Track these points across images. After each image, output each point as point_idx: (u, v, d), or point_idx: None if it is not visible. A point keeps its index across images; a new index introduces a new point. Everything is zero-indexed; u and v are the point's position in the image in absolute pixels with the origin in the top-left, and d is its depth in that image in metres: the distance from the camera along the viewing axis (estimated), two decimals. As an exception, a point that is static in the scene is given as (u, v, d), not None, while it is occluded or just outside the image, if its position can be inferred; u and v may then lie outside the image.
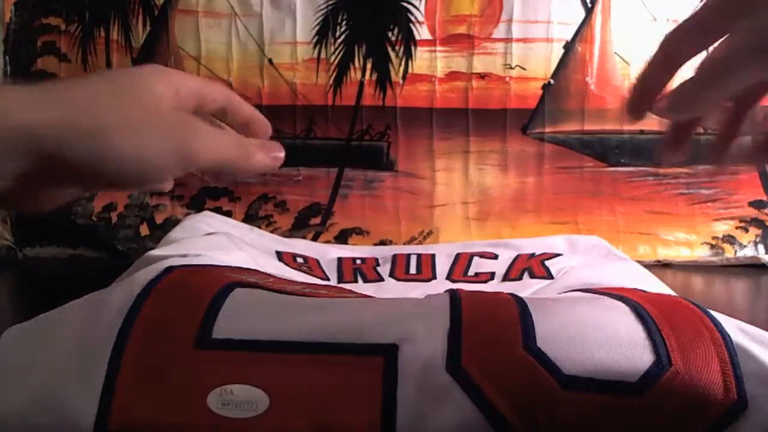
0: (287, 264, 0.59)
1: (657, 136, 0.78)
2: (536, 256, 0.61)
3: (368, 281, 0.59)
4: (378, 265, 0.63)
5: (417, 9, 0.77)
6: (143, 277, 0.37)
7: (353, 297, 0.45)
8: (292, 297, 0.37)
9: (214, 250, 0.49)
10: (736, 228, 0.79)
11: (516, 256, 0.62)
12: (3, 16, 0.78)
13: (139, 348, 0.32)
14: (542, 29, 0.77)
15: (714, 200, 0.79)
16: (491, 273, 0.59)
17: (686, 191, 0.79)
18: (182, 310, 0.34)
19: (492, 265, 0.61)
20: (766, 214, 0.79)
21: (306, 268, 0.59)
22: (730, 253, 0.78)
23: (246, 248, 0.56)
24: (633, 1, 0.77)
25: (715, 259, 0.78)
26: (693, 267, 0.77)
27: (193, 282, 0.38)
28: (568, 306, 0.36)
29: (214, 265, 0.44)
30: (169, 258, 0.43)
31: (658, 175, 0.79)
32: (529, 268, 0.58)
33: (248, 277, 0.42)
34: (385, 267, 0.62)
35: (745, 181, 0.79)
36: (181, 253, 0.46)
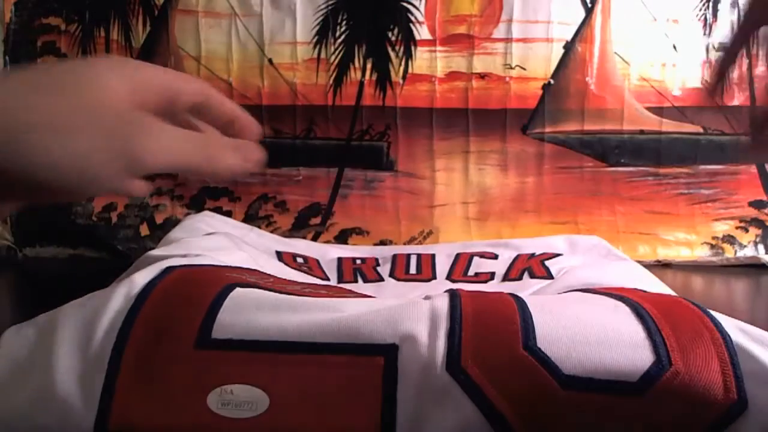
0: (287, 264, 0.59)
1: (657, 136, 0.78)
2: (536, 256, 0.61)
3: (368, 281, 0.59)
4: (378, 265, 0.63)
5: (417, 9, 0.77)
6: (143, 277, 0.37)
7: (353, 297, 0.45)
8: (292, 297, 0.37)
9: (214, 250, 0.49)
10: (736, 228, 0.79)
11: (516, 256, 0.62)
12: (3, 16, 0.78)
13: (139, 348, 0.32)
14: (542, 29, 0.76)
15: (714, 200, 0.79)
16: (491, 273, 0.59)
17: (686, 191, 0.79)
18: (182, 310, 0.34)
19: (492, 265, 0.61)
20: (766, 214, 0.79)
21: (306, 268, 0.59)
22: (730, 253, 0.78)
23: (246, 248, 0.56)
24: (633, 1, 0.77)
25: (715, 259, 0.78)
26: (693, 267, 0.77)
27: (193, 282, 0.38)
28: (568, 306, 0.36)
29: (214, 265, 0.44)
30: (169, 258, 0.43)
31: (658, 175, 0.79)
32: (529, 268, 0.58)
33: (248, 277, 0.42)
34: (385, 267, 0.62)
35: (745, 181, 0.79)
36: (181, 253, 0.46)
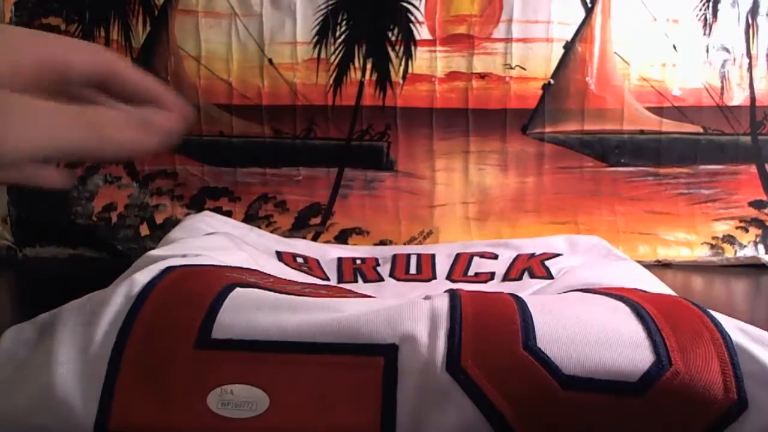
0: (287, 264, 0.59)
1: (657, 136, 0.78)
2: (536, 256, 0.61)
3: (368, 281, 0.59)
4: (378, 265, 0.63)
5: (417, 9, 0.77)
6: (143, 277, 0.37)
7: (353, 297, 0.45)
8: (292, 297, 0.37)
9: (214, 250, 0.49)
10: (736, 228, 0.79)
11: (516, 256, 0.62)
12: (3, 16, 0.77)
13: (139, 348, 0.32)
14: (542, 29, 0.76)
15: (714, 200, 0.79)
16: (491, 273, 0.59)
17: (686, 191, 0.79)
18: (182, 310, 0.34)
19: (492, 265, 0.61)
20: (766, 214, 0.79)
21: (306, 268, 0.59)
22: (730, 253, 0.78)
23: (246, 248, 0.56)
24: (633, 1, 0.77)
25: (715, 259, 0.78)
26: (693, 267, 0.77)
27: (193, 282, 0.38)
28: (568, 306, 0.36)
29: (214, 265, 0.44)
30: (169, 258, 0.43)
31: (658, 175, 0.79)
32: (529, 268, 0.57)
33: (248, 277, 0.42)
34: (385, 267, 0.62)
35: (745, 181, 0.79)
36: (181, 253, 0.46)
